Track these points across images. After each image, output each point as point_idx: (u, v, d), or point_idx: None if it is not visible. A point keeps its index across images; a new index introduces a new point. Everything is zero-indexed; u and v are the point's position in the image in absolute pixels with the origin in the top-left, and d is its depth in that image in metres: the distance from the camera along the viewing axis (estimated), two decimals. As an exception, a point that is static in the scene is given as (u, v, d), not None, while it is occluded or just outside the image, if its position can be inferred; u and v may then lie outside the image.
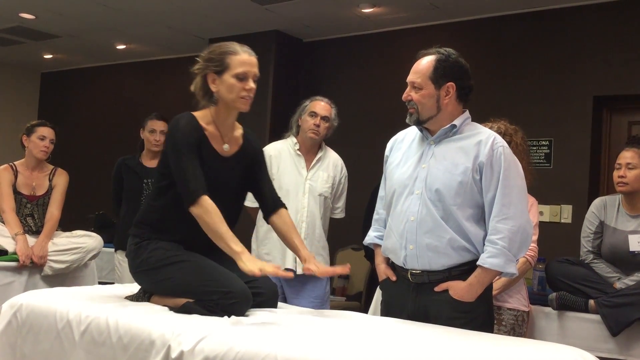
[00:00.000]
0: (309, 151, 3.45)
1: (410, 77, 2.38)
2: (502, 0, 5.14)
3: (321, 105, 3.39)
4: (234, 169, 2.37)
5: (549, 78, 5.18)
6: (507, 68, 5.39)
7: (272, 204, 2.48)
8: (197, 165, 2.20)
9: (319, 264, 2.34)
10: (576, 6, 5.10)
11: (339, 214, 3.58)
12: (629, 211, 3.23)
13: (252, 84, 2.28)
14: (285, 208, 2.49)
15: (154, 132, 4.20)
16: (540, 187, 4.70)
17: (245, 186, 2.47)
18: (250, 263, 2.06)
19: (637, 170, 3.16)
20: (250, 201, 2.58)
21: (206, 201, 2.15)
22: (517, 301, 3.01)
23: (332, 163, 3.49)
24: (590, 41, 5.02)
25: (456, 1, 5.23)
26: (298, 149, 3.41)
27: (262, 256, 3.29)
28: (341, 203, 3.57)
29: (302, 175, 3.38)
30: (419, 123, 2.38)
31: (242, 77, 2.26)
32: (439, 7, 5.37)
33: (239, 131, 2.43)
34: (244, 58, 2.28)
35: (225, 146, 2.34)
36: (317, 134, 3.38)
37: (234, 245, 2.10)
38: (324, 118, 3.39)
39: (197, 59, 2.34)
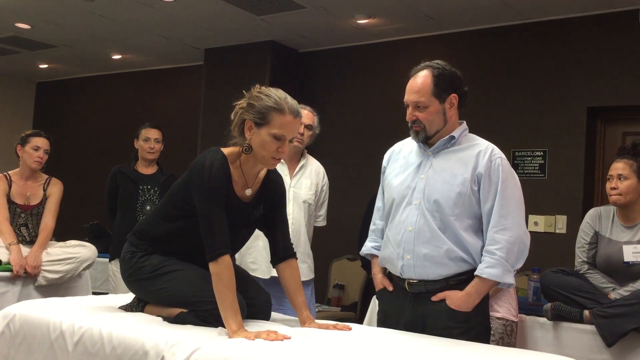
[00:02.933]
0: (292, 159, 3.44)
1: (412, 98, 2.36)
2: (496, 12, 5.17)
3: (304, 114, 3.38)
4: (252, 212, 2.32)
5: (543, 89, 5.20)
6: (501, 79, 5.42)
7: (283, 251, 2.38)
8: (225, 216, 2.13)
9: (320, 323, 2.29)
10: (570, 18, 5.13)
11: (321, 222, 3.57)
12: (623, 222, 3.23)
13: (286, 147, 2.18)
14: (296, 258, 2.42)
15: (148, 140, 4.22)
16: (535, 197, 4.73)
17: (260, 226, 2.42)
18: (243, 335, 1.98)
19: (629, 180, 3.16)
20: None
21: (225, 262, 2.08)
22: (507, 311, 3.02)
23: (314, 170, 3.49)
24: (584, 52, 5.06)
25: (451, 13, 5.26)
26: None
27: (248, 265, 3.27)
28: (323, 211, 3.56)
29: (286, 183, 3.37)
30: (427, 139, 2.39)
31: (279, 138, 2.15)
32: (434, 18, 5.40)
33: (262, 172, 2.32)
34: (287, 120, 2.15)
35: (248, 191, 2.27)
36: (301, 142, 3.37)
37: (232, 320, 2.02)
38: (307, 126, 3.38)
39: (245, 92, 2.23)
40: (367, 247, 2.62)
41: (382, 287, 2.50)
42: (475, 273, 2.29)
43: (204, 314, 2.11)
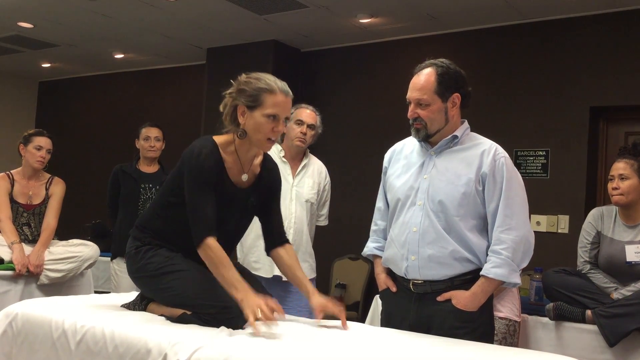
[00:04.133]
0: (294, 158, 3.44)
1: (414, 95, 2.35)
2: (499, 12, 5.17)
3: (307, 113, 3.39)
4: (248, 198, 2.33)
5: (545, 88, 5.20)
6: (504, 79, 5.41)
7: (278, 237, 2.44)
8: (211, 201, 2.15)
9: (327, 301, 2.29)
10: (573, 17, 5.13)
11: (323, 221, 3.57)
12: (625, 221, 3.23)
13: (281, 127, 2.21)
14: (290, 244, 2.46)
15: (149, 139, 4.24)
16: (537, 197, 4.72)
17: (256, 213, 2.44)
18: (248, 305, 2.02)
19: (630, 180, 3.16)
20: None
21: (209, 245, 2.11)
22: (510, 311, 3.02)
23: (316, 170, 3.49)
24: (587, 52, 5.05)
25: (453, 12, 5.26)
26: (283, 156, 3.41)
27: (251, 264, 3.27)
28: (325, 210, 3.56)
29: (289, 182, 3.37)
30: (428, 137, 2.38)
31: (273, 117, 2.18)
32: (436, 17, 5.40)
33: (259, 159, 2.35)
34: (279, 99, 2.19)
35: (244, 176, 2.28)
36: (303, 142, 3.37)
37: (235, 292, 2.07)
38: (309, 126, 3.37)
39: (232, 82, 2.27)
40: (370, 247, 2.61)
41: (386, 287, 2.49)
42: (482, 273, 2.28)
43: (207, 317, 2.11)
